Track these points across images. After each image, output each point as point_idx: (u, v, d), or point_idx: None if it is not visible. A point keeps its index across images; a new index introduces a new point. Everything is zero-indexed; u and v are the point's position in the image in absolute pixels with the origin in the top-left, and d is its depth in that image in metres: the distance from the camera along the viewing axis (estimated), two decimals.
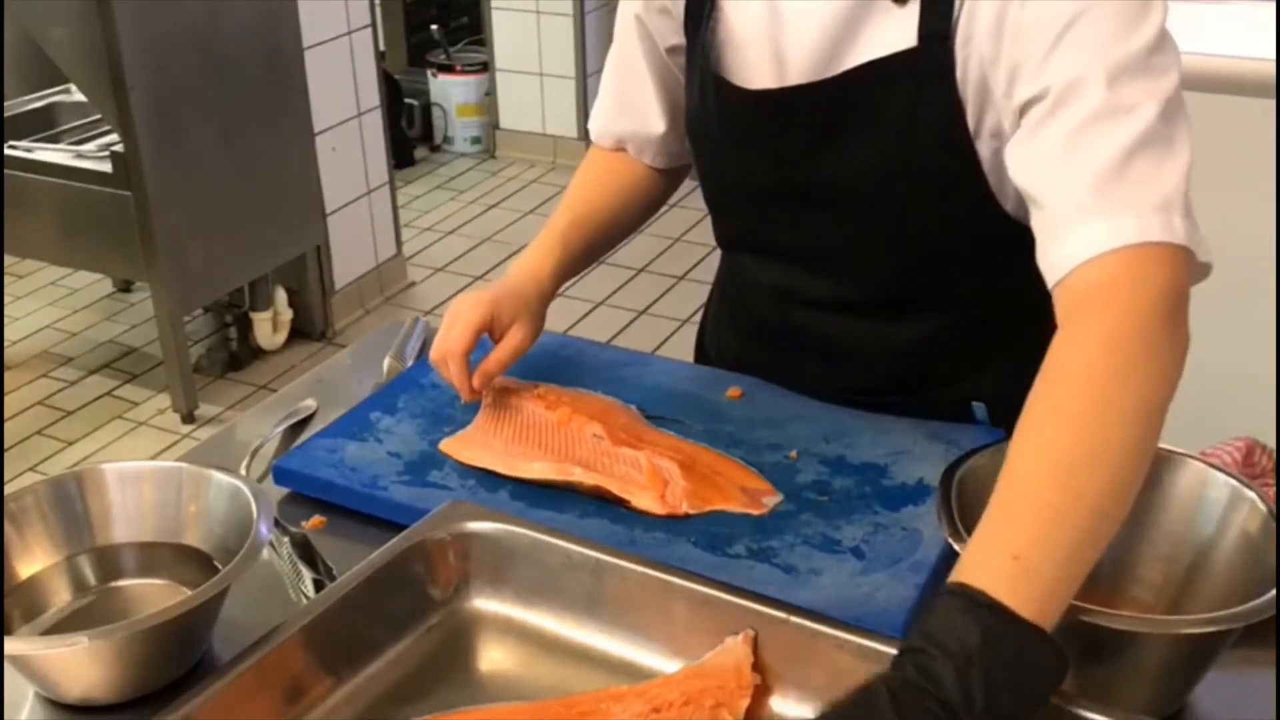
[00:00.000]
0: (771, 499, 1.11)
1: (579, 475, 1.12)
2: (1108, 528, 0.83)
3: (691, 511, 1.09)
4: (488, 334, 1.23)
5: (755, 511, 1.09)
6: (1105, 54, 0.96)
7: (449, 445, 1.19)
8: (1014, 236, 1.08)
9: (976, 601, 0.77)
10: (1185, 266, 0.92)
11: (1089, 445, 0.84)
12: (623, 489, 1.11)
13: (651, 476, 1.11)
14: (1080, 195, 0.93)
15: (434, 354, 1.22)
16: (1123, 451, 0.84)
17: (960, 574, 0.81)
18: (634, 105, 1.33)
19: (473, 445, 1.18)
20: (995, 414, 1.18)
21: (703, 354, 1.47)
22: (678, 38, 1.25)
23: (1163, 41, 1.00)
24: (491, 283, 1.33)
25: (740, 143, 1.19)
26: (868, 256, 1.18)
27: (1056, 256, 0.94)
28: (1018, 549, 0.80)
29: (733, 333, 1.39)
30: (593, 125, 1.39)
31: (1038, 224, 0.98)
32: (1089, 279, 0.91)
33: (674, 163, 1.37)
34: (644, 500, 1.10)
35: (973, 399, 1.20)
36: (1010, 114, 1.03)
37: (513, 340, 1.23)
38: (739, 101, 1.16)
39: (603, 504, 1.11)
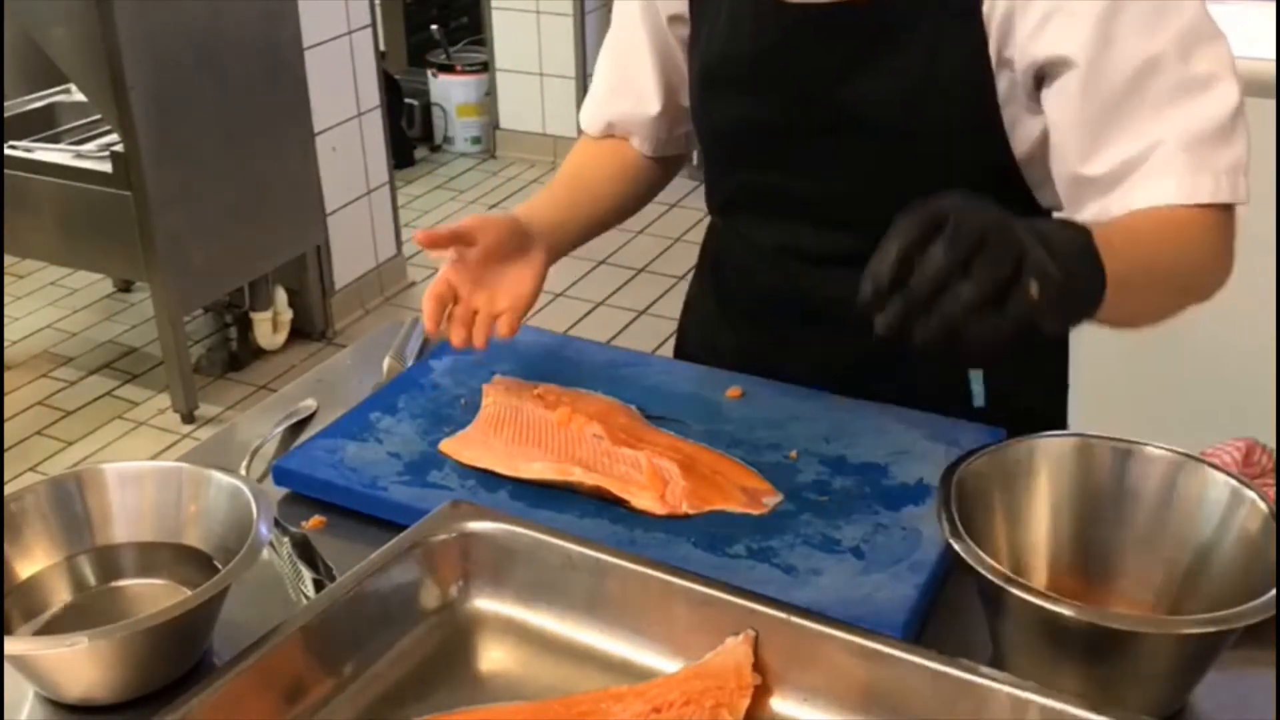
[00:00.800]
0: (772, 499, 1.11)
1: (579, 475, 1.12)
2: (1155, 302, 1.12)
3: (691, 511, 1.09)
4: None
5: (755, 511, 1.09)
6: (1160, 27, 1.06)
7: (449, 445, 1.19)
8: (1020, 191, 1.14)
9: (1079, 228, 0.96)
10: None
11: (1170, 264, 1.09)
12: (622, 489, 1.11)
13: (651, 476, 1.11)
14: (1170, 150, 1.06)
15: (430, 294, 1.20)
16: (1187, 285, 1.13)
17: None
18: (629, 88, 1.35)
19: (473, 445, 1.18)
20: (990, 384, 1.18)
21: (684, 351, 1.47)
22: (682, 4, 1.27)
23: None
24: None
25: (770, 72, 1.19)
26: (880, 200, 1.15)
27: (1142, 194, 1.06)
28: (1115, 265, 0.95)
29: (721, 321, 1.39)
30: (584, 113, 1.41)
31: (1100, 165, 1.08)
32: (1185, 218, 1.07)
33: (662, 151, 1.39)
34: (644, 500, 1.10)
35: (969, 369, 1.19)
36: (1029, 58, 1.07)
37: (526, 278, 1.24)
38: (779, 19, 1.16)
39: (603, 504, 1.11)
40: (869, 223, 1.16)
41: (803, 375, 1.26)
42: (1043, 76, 1.10)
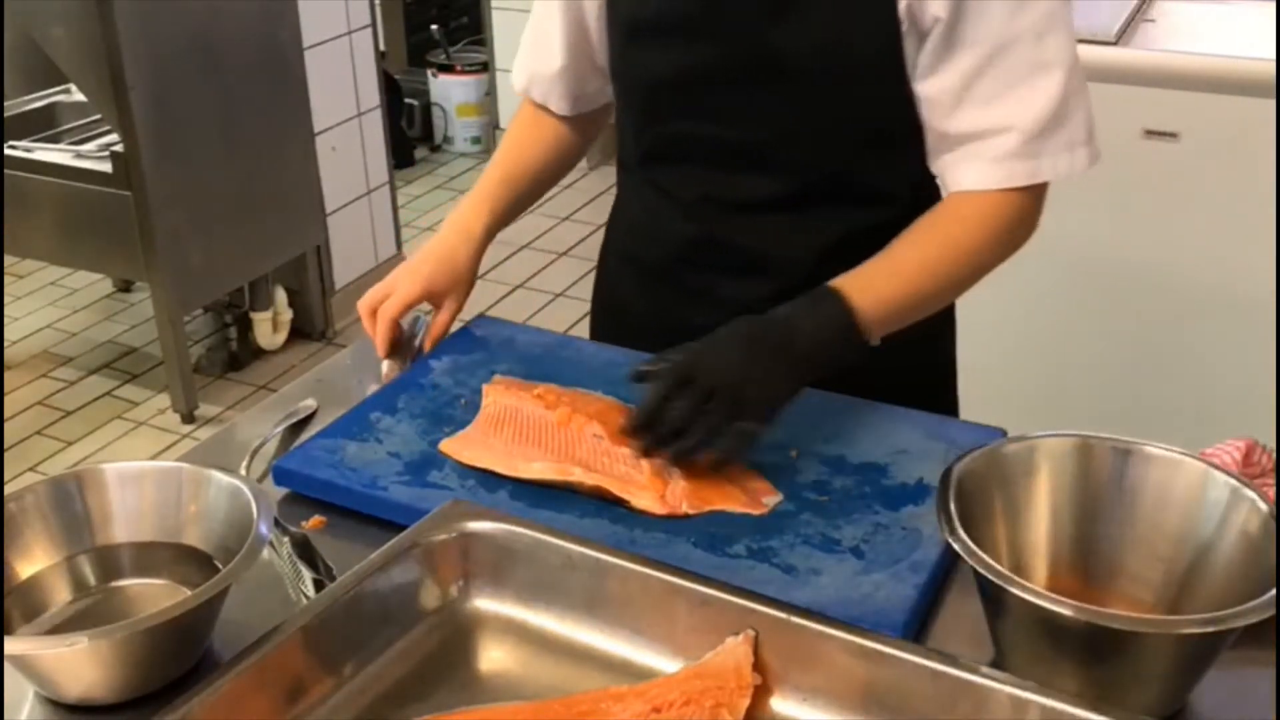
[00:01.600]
0: (772, 498, 1.11)
1: (579, 475, 1.12)
2: (920, 315, 1.24)
3: (691, 511, 1.09)
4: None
5: (755, 511, 1.09)
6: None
7: (449, 446, 1.19)
8: (920, 148, 1.26)
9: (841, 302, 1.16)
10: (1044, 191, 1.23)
11: (945, 271, 1.23)
12: (623, 489, 1.11)
13: (651, 476, 1.11)
14: (1013, 135, 1.18)
15: (364, 305, 1.35)
16: (956, 288, 1.26)
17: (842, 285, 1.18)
18: (540, 42, 1.43)
19: (473, 445, 1.18)
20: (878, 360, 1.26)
21: (599, 323, 1.53)
22: None
23: None
24: (425, 247, 1.41)
25: (699, 21, 1.24)
26: (796, 145, 1.27)
27: (972, 172, 1.21)
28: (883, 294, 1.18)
29: (634, 283, 1.45)
30: (514, 69, 1.49)
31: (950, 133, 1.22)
32: (991, 201, 1.21)
33: (577, 108, 1.45)
34: (644, 500, 1.10)
35: None
36: (924, 14, 1.17)
37: (447, 313, 1.38)
38: None
39: (602, 504, 1.11)
40: (786, 167, 1.28)
41: (718, 323, 1.27)
42: (928, 32, 1.19)
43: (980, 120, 1.20)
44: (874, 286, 1.18)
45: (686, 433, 1.10)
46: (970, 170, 1.22)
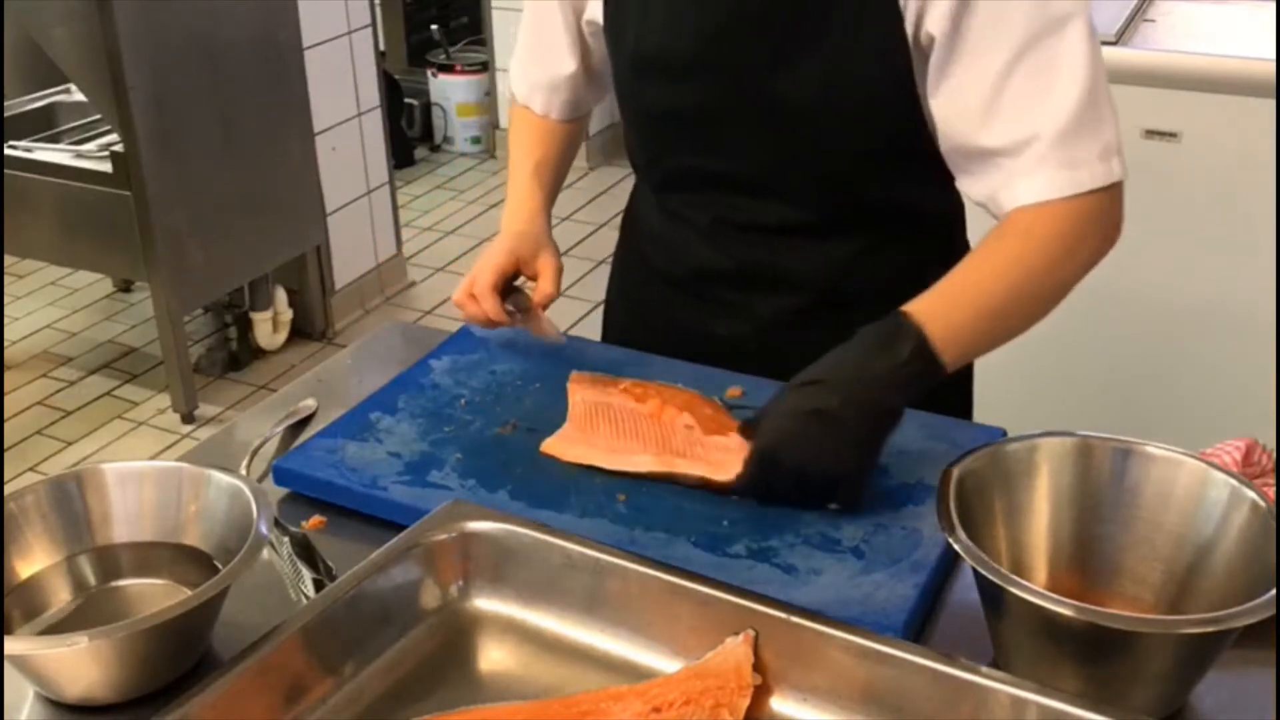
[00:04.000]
0: None
1: (683, 467, 1.13)
2: (1004, 338, 1.15)
3: None
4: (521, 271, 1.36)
5: None
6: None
7: (551, 446, 1.19)
8: (934, 159, 1.20)
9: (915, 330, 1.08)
10: (1120, 194, 1.15)
11: (1024, 287, 1.14)
12: (727, 476, 1.11)
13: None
14: (1040, 146, 1.11)
15: (460, 295, 1.33)
16: (1036, 308, 1.15)
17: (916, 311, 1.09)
18: (543, 51, 1.42)
19: (575, 444, 1.18)
20: None
21: (617, 329, 1.53)
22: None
23: None
24: (495, 239, 1.39)
25: (698, 64, 1.23)
26: (810, 175, 1.25)
27: (1021, 189, 1.12)
28: (959, 322, 1.10)
29: (658, 290, 1.43)
30: (512, 78, 1.48)
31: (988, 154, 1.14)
32: (1049, 214, 1.12)
33: (575, 114, 1.47)
34: None
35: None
36: (931, 33, 1.12)
37: (549, 267, 1.35)
38: (722, 16, 1.20)
39: (602, 503, 1.11)
40: (800, 195, 1.27)
41: (742, 335, 1.28)
42: (929, 51, 1.15)
43: (1008, 133, 1.12)
44: (947, 314, 1.10)
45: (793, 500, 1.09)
46: (1029, 183, 1.12)
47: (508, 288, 1.36)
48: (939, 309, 1.09)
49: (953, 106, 1.15)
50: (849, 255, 1.29)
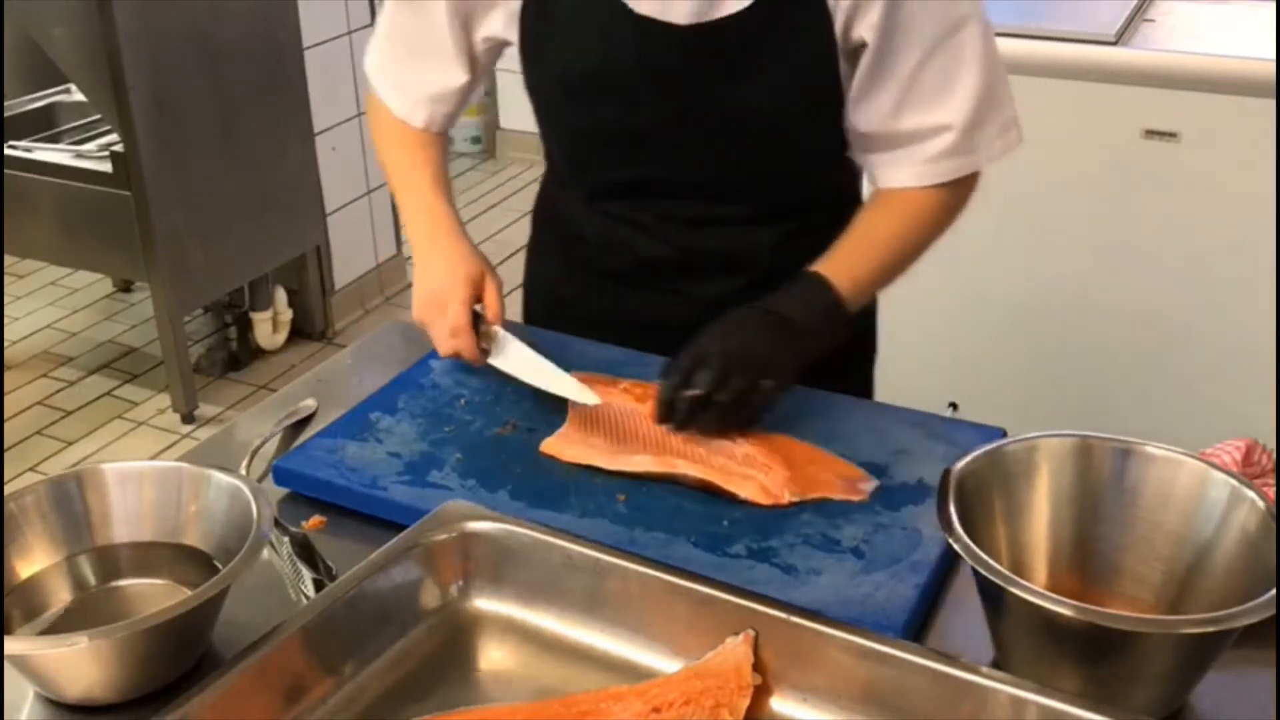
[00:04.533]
0: (868, 484, 1.12)
1: (683, 467, 1.13)
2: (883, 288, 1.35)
3: (794, 499, 1.10)
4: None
5: (855, 498, 1.10)
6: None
7: (550, 446, 1.19)
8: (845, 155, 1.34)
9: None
10: (975, 181, 1.32)
11: (900, 250, 1.32)
12: (726, 480, 1.12)
13: (753, 466, 1.13)
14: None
15: (446, 347, 1.30)
16: (905, 267, 1.33)
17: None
18: (426, 65, 1.39)
19: (574, 444, 1.19)
20: None
21: (533, 311, 1.56)
22: (499, 21, 1.33)
23: None
24: (425, 267, 1.36)
25: (641, 80, 1.27)
26: (749, 176, 1.34)
27: (906, 173, 1.29)
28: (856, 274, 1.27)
29: (596, 287, 1.46)
30: (382, 93, 1.44)
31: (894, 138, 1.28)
32: (925, 196, 1.30)
33: (450, 125, 1.47)
34: (748, 490, 1.11)
35: None
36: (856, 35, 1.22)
37: (494, 285, 1.34)
38: (663, 38, 1.23)
39: (602, 503, 1.11)
40: (740, 193, 1.35)
41: (689, 319, 1.28)
42: (861, 45, 1.24)
43: (920, 121, 1.26)
44: (849, 268, 1.27)
45: (710, 404, 1.16)
46: (902, 171, 1.30)
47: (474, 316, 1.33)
48: (844, 269, 1.27)
49: (874, 100, 1.26)
50: (783, 236, 1.38)
